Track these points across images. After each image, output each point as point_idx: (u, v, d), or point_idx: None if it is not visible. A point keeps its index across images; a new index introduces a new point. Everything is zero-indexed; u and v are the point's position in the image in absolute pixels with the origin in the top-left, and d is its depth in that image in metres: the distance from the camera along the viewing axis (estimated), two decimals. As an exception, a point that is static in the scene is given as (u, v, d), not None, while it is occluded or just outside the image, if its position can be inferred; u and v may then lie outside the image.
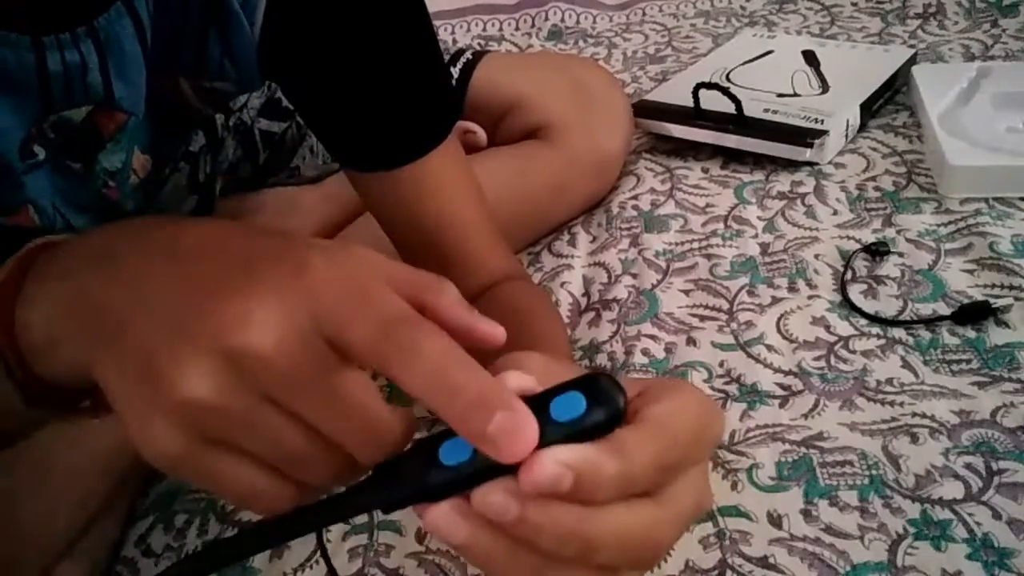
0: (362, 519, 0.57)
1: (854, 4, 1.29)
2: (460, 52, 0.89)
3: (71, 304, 0.32)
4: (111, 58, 0.48)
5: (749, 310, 0.71)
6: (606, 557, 0.29)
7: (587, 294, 0.77)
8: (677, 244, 0.80)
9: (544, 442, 0.28)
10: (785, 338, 0.67)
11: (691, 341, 0.68)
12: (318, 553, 0.55)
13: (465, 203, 0.61)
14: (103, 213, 0.55)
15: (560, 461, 0.28)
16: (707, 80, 0.94)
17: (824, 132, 0.87)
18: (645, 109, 0.96)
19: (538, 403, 0.29)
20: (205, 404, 0.28)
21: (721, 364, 0.66)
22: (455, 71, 0.87)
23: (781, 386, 0.63)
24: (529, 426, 0.28)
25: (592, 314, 0.74)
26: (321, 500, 0.32)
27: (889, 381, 0.61)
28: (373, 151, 0.58)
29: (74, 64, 0.46)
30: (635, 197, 0.88)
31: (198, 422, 0.28)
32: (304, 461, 0.30)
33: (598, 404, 0.29)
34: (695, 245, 0.80)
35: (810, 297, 0.71)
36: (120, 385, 0.29)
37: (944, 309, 0.67)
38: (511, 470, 0.28)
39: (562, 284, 0.77)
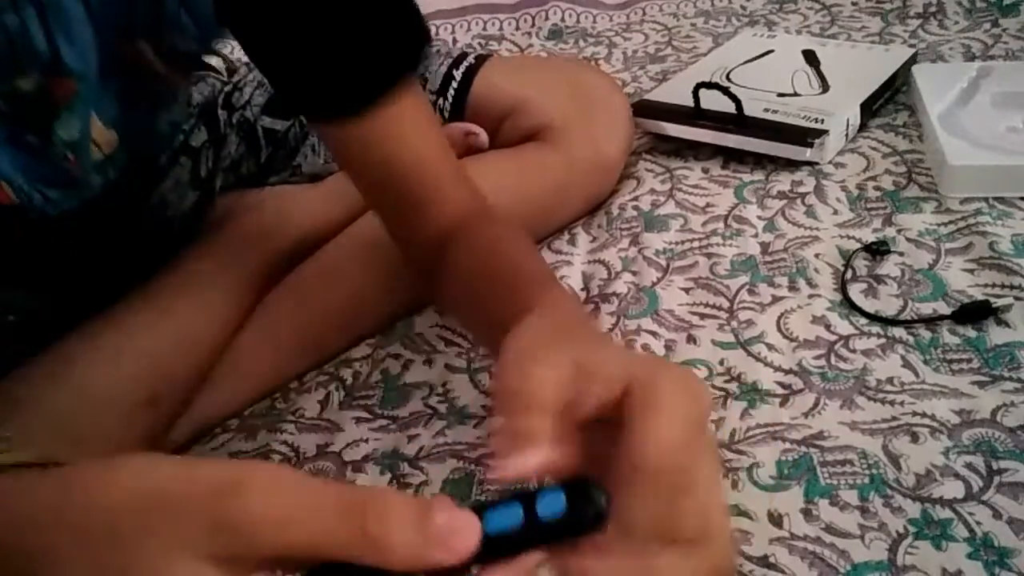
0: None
1: (854, 4, 1.29)
2: (463, 56, 0.89)
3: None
4: (54, 21, 0.47)
5: (749, 309, 0.71)
6: None
7: (586, 289, 0.77)
8: (677, 243, 0.80)
9: (526, 536, 0.30)
10: (785, 337, 0.67)
11: (691, 339, 0.68)
12: None
13: (430, 141, 0.61)
14: (70, 188, 0.55)
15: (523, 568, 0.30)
16: (707, 80, 0.94)
17: (824, 132, 0.87)
18: (645, 109, 0.96)
19: (528, 498, 0.31)
20: None
21: (721, 362, 0.66)
22: (457, 75, 0.87)
23: (781, 385, 0.63)
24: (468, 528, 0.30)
25: (591, 307, 0.74)
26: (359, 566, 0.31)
27: (889, 380, 0.61)
28: (335, 98, 0.58)
29: (15, 28, 0.45)
30: (635, 198, 0.88)
31: None
32: None
33: (578, 507, 0.31)
34: (695, 244, 0.80)
35: (810, 296, 0.71)
36: None
37: (944, 308, 0.67)
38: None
39: (561, 279, 0.77)
